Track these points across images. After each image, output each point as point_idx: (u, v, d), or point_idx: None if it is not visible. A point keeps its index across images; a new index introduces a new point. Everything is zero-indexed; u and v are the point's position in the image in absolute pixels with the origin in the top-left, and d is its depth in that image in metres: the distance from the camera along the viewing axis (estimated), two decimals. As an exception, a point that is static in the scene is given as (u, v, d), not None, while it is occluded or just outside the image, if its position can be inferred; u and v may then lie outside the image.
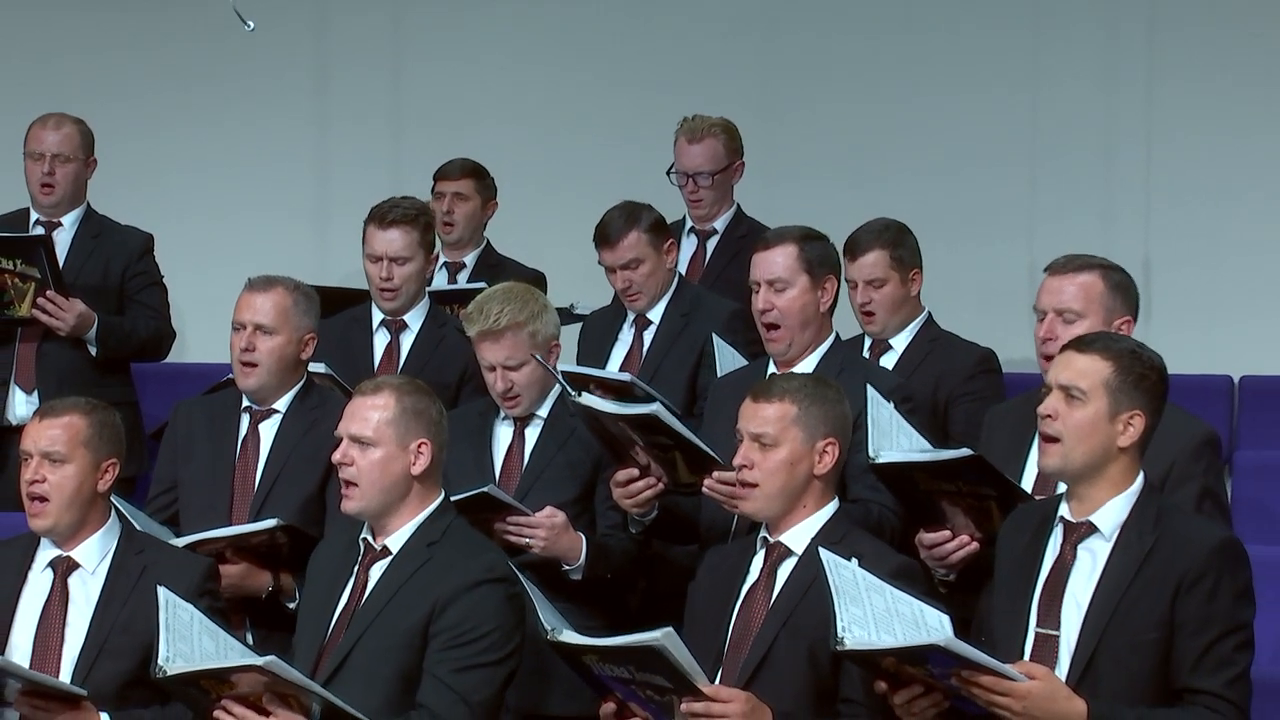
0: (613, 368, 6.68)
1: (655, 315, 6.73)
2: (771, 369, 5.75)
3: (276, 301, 5.94)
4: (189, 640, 4.79)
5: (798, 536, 4.95)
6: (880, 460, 5.21)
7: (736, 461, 4.99)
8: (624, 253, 6.68)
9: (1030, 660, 4.51)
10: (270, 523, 5.65)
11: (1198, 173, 8.64)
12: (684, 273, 7.09)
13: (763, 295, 5.76)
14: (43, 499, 5.18)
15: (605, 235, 6.72)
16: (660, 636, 4.54)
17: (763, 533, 5.01)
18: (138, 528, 5.54)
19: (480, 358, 5.86)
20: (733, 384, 5.81)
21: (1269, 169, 8.54)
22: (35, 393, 7.06)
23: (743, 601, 4.96)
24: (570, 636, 4.73)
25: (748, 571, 4.99)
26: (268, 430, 5.96)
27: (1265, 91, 8.55)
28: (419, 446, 5.03)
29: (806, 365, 5.71)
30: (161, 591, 4.86)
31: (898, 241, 6.34)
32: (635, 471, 5.58)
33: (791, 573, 4.92)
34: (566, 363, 6.23)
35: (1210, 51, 8.61)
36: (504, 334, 5.80)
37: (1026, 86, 8.80)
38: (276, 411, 5.97)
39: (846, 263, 6.31)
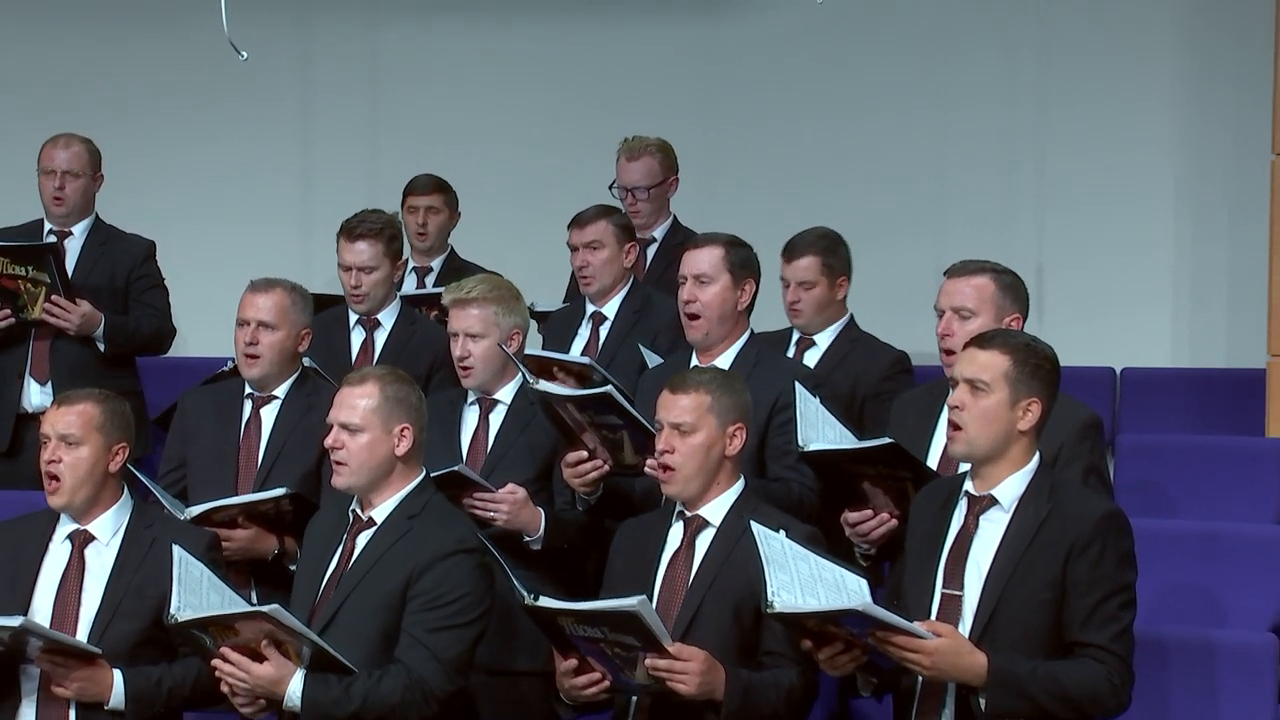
0: (572, 358, 6.72)
1: (610, 311, 6.75)
2: (694, 362, 5.80)
3: (276, 301, 5.99)
4: (198, 594, 4.84)
5: (714, 510, 4.99)
6: (810, 449, 5.26)
7: (658, 448, 5.01)
8: (589, 233, 6.72)
9: (936, 618, 4.55)
10: (278, 491, 5.71)
11: (1085, 185, 8.66)
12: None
13: (688, 288, 5.84)
14: (58, 477, 5.20)
15: (579, 217, 6.78)
16: (635, 603, 4.60)
17: (679, 507, 5.04)
18: (165, 506, 5.61)
19: (450, 325, 5.91)
20: (658, 376, 5.84)
21: (1148, 181, 8.57)
22: (49, 384, 7.04)
23: (666, 569, 4.99)
24: (548, 602, 4.75)
25: (665, 542, 5.03)
26: (268, 414, 6.01)
27: (1144, 113, 8.58)
28: (401, 431, 5.06)
29: (725, 358, 5.77)
30: (176, 549, 4.91)
31: (830, 250, 6.42)
32: (584, 454, 5.61)
33: (711, 542, 4.97)
34: (533, 350, 6.27)
35: (1096, 77, 8.64)
36: (471, 304, 5.83)
37: (935, 108, 8.82)
38: (276, 398, 6.02)
39: (783, 263, 6.41)
